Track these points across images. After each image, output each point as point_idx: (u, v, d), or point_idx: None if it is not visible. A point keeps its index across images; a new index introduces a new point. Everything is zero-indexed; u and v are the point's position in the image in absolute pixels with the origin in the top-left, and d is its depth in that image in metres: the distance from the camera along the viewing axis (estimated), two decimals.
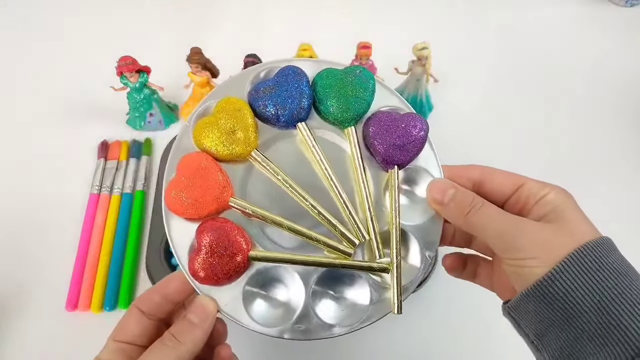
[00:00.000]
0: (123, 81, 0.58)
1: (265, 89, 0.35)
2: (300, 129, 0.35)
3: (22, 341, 0.49)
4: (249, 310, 0.32)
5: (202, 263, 0.31)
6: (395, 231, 0.33)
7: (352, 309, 0.33)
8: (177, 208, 0.32)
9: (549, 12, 0.79)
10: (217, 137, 0.33)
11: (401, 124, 0.35)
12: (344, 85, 0.35)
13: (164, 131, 0.63)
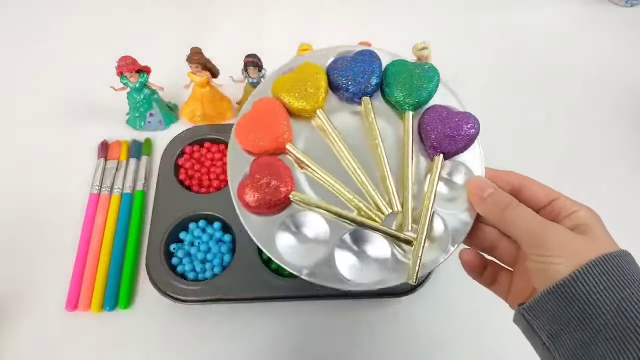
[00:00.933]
0: (123, 81, 0.58)
1: (343, 62, 0.39)
2: (365, 102, 0.39)
3: (22, 341, 0.49)
4: (278, 244, 0.35)
5: (250, 188, 0.35)
6: (427, 211, 0.36)
7: (369, 271, 0.35)
8: (241, 137, 0.38)
9: (549, 12, 0.79)
10: (292, 90, 0.38)
11: (455, 118, 0.38)
12: (411, 75, 0.39)
13: (164, 131, 0.63)
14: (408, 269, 0.35)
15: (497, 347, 0.50)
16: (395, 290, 0.50)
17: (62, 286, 0.52)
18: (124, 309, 0.51)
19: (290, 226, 0.36)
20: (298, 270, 0.35)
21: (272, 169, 0.36)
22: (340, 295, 0.50)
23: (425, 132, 0.38)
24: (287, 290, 0.50)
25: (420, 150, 0.38)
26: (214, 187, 0.57)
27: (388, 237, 0.36)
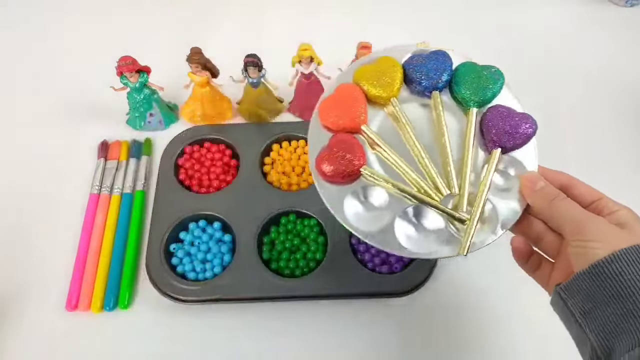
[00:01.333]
0: (123, 81, 0.58)
1: (419, 59, 0.44)
2: (434, 96, 0.43)
3: (23, 341, 0.50)
4: (346, 210, 0.40)
5: (327, 159, 0.40)
6: (482, 195, 0.40)
7: (424, 242, 0.40)
8: (323, 115, 0.42)
9: (549, 12, 0.78)
10: (371, 79, 0.43)
11: (515, 117, 0.42)
12: (479, 76, 0.43)
13: (164, 131, 0.63)
14: (459, 244, 0.39)
15: (497, 347, 0.50)
16: (396, 290, 0.50)
17: (62, 286, 0.52)
18: (124, 309, 0.51)
19: (359, 195, 0.41)
20: (362, 234, 0.39)
21: (348, 145, 0.40)
22: (340, 295, 0.50)
23: (487, 127, 0.42)
24: (287, 290, 0.50)
25: (480, 143, 0.42)
26: (214, 187, 0.57)
27: (444, 215, 0.40)
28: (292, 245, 0.53)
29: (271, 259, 0.52)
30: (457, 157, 0.41)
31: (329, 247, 0.52)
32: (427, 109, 0.44)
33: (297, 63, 0.58)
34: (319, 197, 0.40)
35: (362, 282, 0.50)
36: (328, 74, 0.60)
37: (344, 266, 0.51)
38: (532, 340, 0.51)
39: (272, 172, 0.58)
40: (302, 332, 0.51)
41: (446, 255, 0.39)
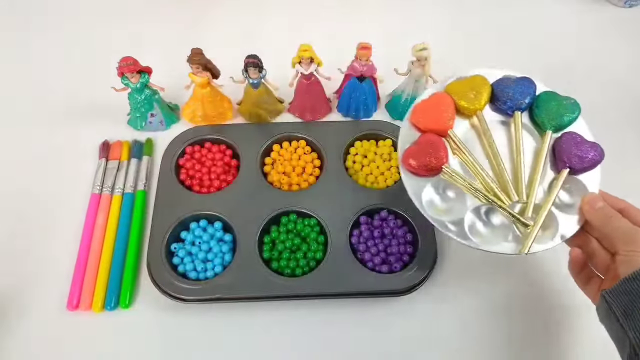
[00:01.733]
0: (124, 82, 0.58)
1: (508, 81, 0.51)
2: (516, 115, 0.50)
3: (24, 341, 0.50)
4: (424, 199, 0.47)
5: (414, 152, 0.47)
6: (547, 205, 0.46)
7: (490, 238, 0.46)
8: (416, 116, 0.49)
9: (548, 12, 0.79)
10: (461, 92, 0.50)
11: (586, 145, 0.48)
12: (559, 104, 0.49)
13: (165, 131, 0.63)
14: (520, 244, 0.45)
15: (496, 347, 0.50)
16: (396, 289, 0.51)
17: (64, 286, 0.52)
18: (125, 309, 0.51)
19: (437, 188, 0.48)
20: (436, 222, 0.46)
21: (435, 144, 0.47)
22: (341, 295, 0.51)
23: (559, 150, 0.48)
24: (288, 289, 0.50)
25: (550, 163, 0.48)
26: (214, 187, 0.57)
27: (511, 217, 0.46)
28: (292, 244, 0.53)
29: (272, 259, 0.53)
30: (527, 171, 0.48)
31: (329, 246, 0.52)
32: (506, 126, 0.51)
33: (297, 64, 0.58)
34: (320, 195, 0.41)
35: (362, 282, 0.50)
36: (328, 74, 0.60)
37: (344, 266, 0.51)
38: (531, 340, 0.51)
39: (273, 172, 0.59)
40: (302, 331, 0.51)
41: (508, 252, 0.45)
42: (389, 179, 0.58)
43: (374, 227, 0.54)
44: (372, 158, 0.59)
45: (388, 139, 0.61)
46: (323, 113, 0.65)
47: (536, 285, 0.54)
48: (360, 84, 0.60)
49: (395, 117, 0.65)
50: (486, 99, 0.50)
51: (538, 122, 0.50)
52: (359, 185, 0.57)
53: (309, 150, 0.60)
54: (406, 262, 0.52)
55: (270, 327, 0.51)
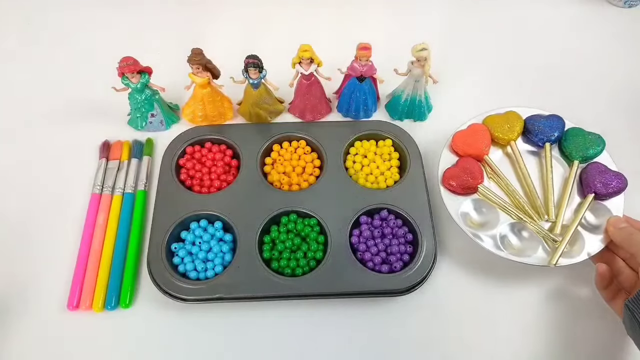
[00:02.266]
0: (124, 82, 0.58)
1: (539, 117, 0.59)
2: (547, 146, 0.57)
3: (24, 341, 0.50)
4: (461, 214, 0.53)
5: (454, 173, 0.54)
6: (574, 224, 0.52)
7: (520, 251, 0.52)
8: (457, 142, 0.57)
9: (548, 12, 0.79)
10: (497, 125, 0.58)
11: (610, 174, 0.54)
12: (585, 140, 0.56)
13: (165, 131, 0.64)
14: (549, 258, 0.50)
15: (495, 347, 0.50)
16: (396, 289, 0.51)
17: (64, 286, 0.52)
18: (126, 308, 0.51)
19: (474, 205, 0.54)
20: (471, 234, 0.51)
21: (472, 167, 0.54)
22: (341, 294, 0.51)
23: (586, 177, 0.54)
24: (288, 289, 0.50)
25: (577, 190, 0.55)
26: (215, 187, 0.57)
27: (541, 234, 0.52)
28: (292, 244, 0.53)
29: (272, 259, 0.53)
30: (557, 195, 0.55)
31: (329, 246, 0.52)
32: (536, 155, 0.58)
33: (297, 64, 0.58)
34: (320, 195, 0.41)
35: (362, 282, 0.50)
36: (328, 74, 0.60)
37: (345, 265, 0.51)
38: (530, 340, 0.51)
39: (273, 172, 0.59)
40: (302, 331, 0.51)
41: (537, 264, 0.50)
42: (389, 179, 0.58)
43: (374, 227, 0.54)
44: (372, 158, 0.60)
45: (388, 139, 0.61)
46: (323, 113, 0.65)
47: (534, 287, 0.54)
48: (360, 84, 0.60)
49: (395, 117, 0.65)
50: (519, 131, 0.58)
51: (566, 154, 0.57)
52: (359, 185, 0.57)
53: (309, 150, 0.60)
54: (406, 262, 0.52)
55: (270, 327, 0.51)
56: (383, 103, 0.67)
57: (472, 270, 0.54)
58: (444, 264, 0.55)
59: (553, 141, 0.57)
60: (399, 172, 0.59)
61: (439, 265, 0.54)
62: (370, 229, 0.54)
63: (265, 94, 0.61)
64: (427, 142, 0.62)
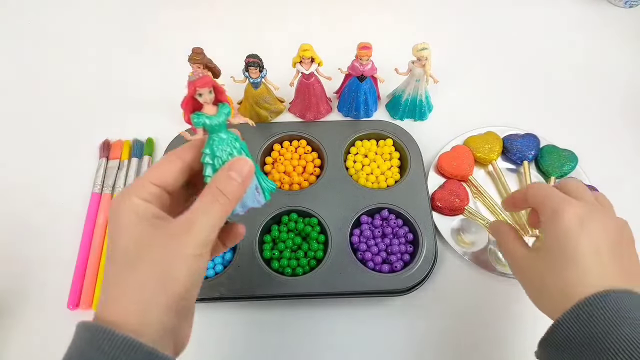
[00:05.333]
0: (197, 120, 0.36)
1: (516, 136, 0.62)
2: (525, 164, 0.60)
3: (24, 340, 0.50)
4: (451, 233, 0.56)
5: (440, 195, 0.57)
6: None
7: None
8: (442, 163, 0.60)
9: (548, 12, 0.79)
10: (478, 145, 0.61)
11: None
12: (559, 156, 0.60)
13: (165, 131, 0.63)
14: None
15: (495, 346, 0.50)
16: (396, 288, 0.51)
17: (64, 285, 0.52)
18: None
19: (461, 225, 0.57)
20: (461, 252, 0.54)
21: (458, 189, 0.57)
22: (342, 294, 0.51)
23: None
24: (288, 289, 0.50)
25: None
26: None
27: None
28: (293, 244, 0.53)
29: (272, 258, 0.53)
30: None
31: (329, 246, 0.52)
32: (515, 173, 0.61)
33: (297, 63, 0.58)
34: (321, 195, 0.40)
35: (363, 281, 0.50)
36: (328, 74, 0.60)
37: (345, 265, 0.51)
38: (531, 339, 0.51)
39: (274, 171, 0.59)
40: (302, 331, 0.51)
41: None
42: (389, 179, 0.58)
43: (375, 227, 0.54)
44: (373, 158, 0.60)
45: (389, 139, 0.61)
46: (324, 113, 0.65)
47: None
48: (360, 83, 0.60)
49: (395, 116, 0.65)
50: (499, 151, 0.61)
51: (543, 170, 0.60)
52: (359, 185, 0.57)
53: (309, 149, 0.60)
54: (407, 261, 0.52)
55: (270, 326, 0.51)
56: (384, 103, 0.67)
57: (473, 269, 0.54)
58: (445, 263, 0.55)
59: (530, 159, 0.60)
60: (399, 171, 0.59)
61: (439, 264, 0.54)
62: (370, 229, 0.54)
63: (266, 94, 0.61)
64: (427, 142, 0.62)
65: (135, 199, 0.30)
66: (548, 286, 0.37)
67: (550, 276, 0.37)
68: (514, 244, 0.42)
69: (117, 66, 0.71)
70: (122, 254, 0.29)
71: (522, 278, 0.40)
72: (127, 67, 0.71)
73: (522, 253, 0.40)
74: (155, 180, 0.31)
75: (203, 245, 0.30)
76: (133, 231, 0.29)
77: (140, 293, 0.28)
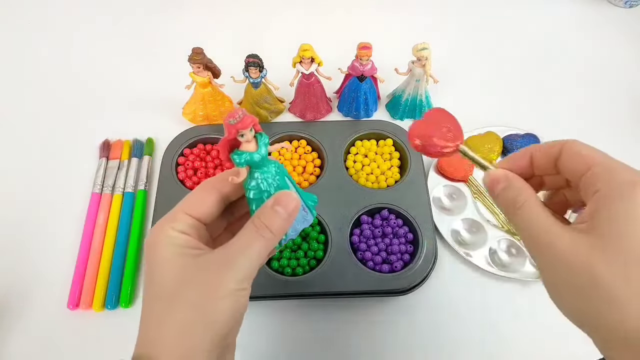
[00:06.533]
0: (240, 159, 0.39)
1: (516, 136, 0.61)
2: None
3: (24, 340, 0.50)
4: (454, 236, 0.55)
5: (420, 126, 0.33)
6: None
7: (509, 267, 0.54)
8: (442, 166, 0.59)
9: (548, 12, 0.79)
10: (478, 145, 0.60)
11: None
12: None
13: (165, 131, 0.63)
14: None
15: (496, 346, 0.50)
16: (396, 288, 0.51)
17: (64, 285, 0.52)
18: (126, 308, 0.51)
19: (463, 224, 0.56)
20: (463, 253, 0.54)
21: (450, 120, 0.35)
22: (342, 294, 0.51)
23: None
24: (288, 288, 0.50)
25: None
26: None
27: None
28: (293, 244, 0.53)
29: (272, 258, 0.52)
30: None
31: (329, 246, 0.52)
32: None
33: (297, 63, 0.58)
34: (321, 195, 0.40)
35: (363, 281, 0.50)
36: (328, 74, 0.60)
37: (345, 265, 0.51)
38: (530, 338, 0.51)
39: None
40: (302, 331, 0.51)
41: (527, 278, 0.52)
42: (389, 179, 0.58)
43: (375, 227, 0.54)
44: (373, 158, 0.60)
45: (389, 139, 0.61)
46: (324, 113, 0.65)
47: (535, 287, 0.54)
48: (360, 83, 0.60)
49: (395, 116, 0.65)
50: (499, 151, 0.60)
51: None
52: (359, 184, 0.57)
53: (309, 149, 0.60)
54: (407, 261, 0.52)
55: (270, 326, 0.51)
56: (384, 102, 0.67)
57: (473, 269, 0.54)
58: (445, 263, 0.54)
59: None
60: (399, 171, 0.59)
61: (439, 264, 0.53)
62: (370, 229, 0.54)
63: (266, 94, 0.61)
64: None
65: (171, 231, 0.29)
66: (605, 288, 0.23)
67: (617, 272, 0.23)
68: (545, 214, 0.27)
69: (117, 66, 0.71)
70: (161, 291, 0.28)
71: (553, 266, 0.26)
72: (127, 67, 0.71)
73: (560, 231, 0.26)
74: (191, 211, 0.30)
75: (246, 280, 0.29)
76: (172, 265, 0.28)
77: (181, 337, 0.27)
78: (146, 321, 0.29)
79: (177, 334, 0.27)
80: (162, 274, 0.28)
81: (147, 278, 0.29)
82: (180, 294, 0.28)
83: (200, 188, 0.31)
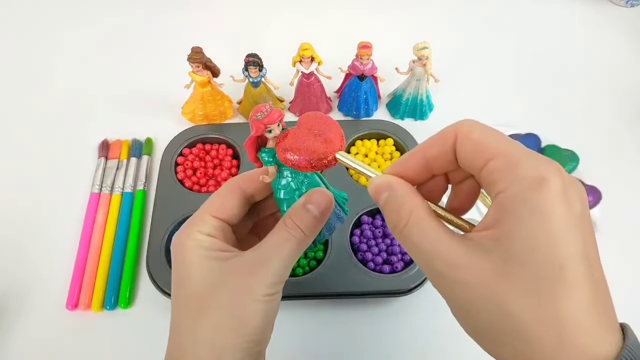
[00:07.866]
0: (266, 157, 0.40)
1: (517, 137, 0.58)
2: None
3: (23, 340, 0.49)
4: None
5: (291, 138, 0.28)
6: None
7: None
8: None
9: (548, 11, 0.79)
10: None
11: (586, 187, 0.55)
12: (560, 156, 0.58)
13: (165, 131, 0.63)
14: None
15: None
16: (397, 289, 0.50)
17: (63, 285, 0.52)
18: (125, 309, 0.51)
19: None
20: None
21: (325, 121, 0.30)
22: (342, 295, 0.50)
23: None
24: (288, 289, 0.50)
25: None
26: (214, 187, 0.57)
27: None
28: None
29: None
30: None
31: (330, 246, 0.52)
32: None
33: (297, 63, 0.58)
34: None
35: (363, 281, 0.50)
36: (329, 73, 0.60)
37: (345, 265, 0.51)
38: None
39: None
40: (302, 331, 0.50)
41: None
42: None
43: (375, 227, 0.54)
44: (374, 157, 0.59)
45: (389, 139, 0.60)
46: (324, 112, 0.65)
47: None
48: (361, 83, 0.60)
49: (396, 116, 0.65)
50: None
51: None
52: (360, 185, 0.57)
53: None
54: (408, 262, 0.52)
55: None
56: (384, 102, 0.66)
57: None
58: None
59: None
60: None
61: None
62: (371, 229, 0.54)
63: (266, 93, 0.61)
64: None
65: (198, 235, 0.28)
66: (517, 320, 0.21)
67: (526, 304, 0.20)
68: (436, 231, 0.23)
69: (116, 66, 0.71)
70: (192, 295, 0.27)
71: (455, 294, 0.24)
72: (126, 67, 0.70)
73: (457, 252, 0.22)
74: (217, 213, 0.29)
75: (277, 283, 0.28)
76: (201, 269, 0.27)
77: (213, 343, 0.26)
78: (176, 327, 0.28)
79: (209, 340, 0.26)
80: (191, 278, 0.27)
81: (175, 283, 0.28)
82: (211, 299, 0.27)
83: (225, 188, 0.30)
